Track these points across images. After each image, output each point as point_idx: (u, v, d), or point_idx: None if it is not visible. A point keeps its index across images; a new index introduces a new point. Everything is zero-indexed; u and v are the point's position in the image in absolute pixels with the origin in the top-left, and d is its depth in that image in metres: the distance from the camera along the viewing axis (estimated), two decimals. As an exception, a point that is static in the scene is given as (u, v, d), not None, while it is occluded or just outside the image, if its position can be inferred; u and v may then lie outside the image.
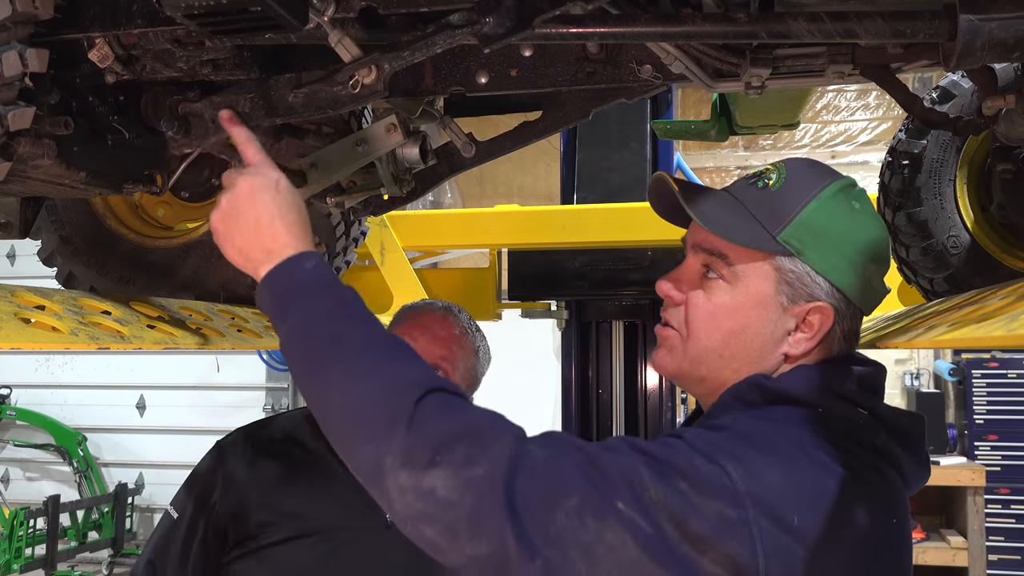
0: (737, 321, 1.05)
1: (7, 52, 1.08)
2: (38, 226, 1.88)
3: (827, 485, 0.91)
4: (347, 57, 1.20)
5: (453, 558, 0.87)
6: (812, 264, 1.03)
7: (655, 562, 0.83)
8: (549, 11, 1.09)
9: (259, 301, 1.08)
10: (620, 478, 0.87)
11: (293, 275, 1.06)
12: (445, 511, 0.86)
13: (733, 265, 1.05)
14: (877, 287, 1.09)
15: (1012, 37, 0.98)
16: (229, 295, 1.83)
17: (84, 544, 6.32)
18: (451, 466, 0.86)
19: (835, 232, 1.04)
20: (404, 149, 1.40)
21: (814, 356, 1.06)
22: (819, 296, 1.04)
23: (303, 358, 1.00)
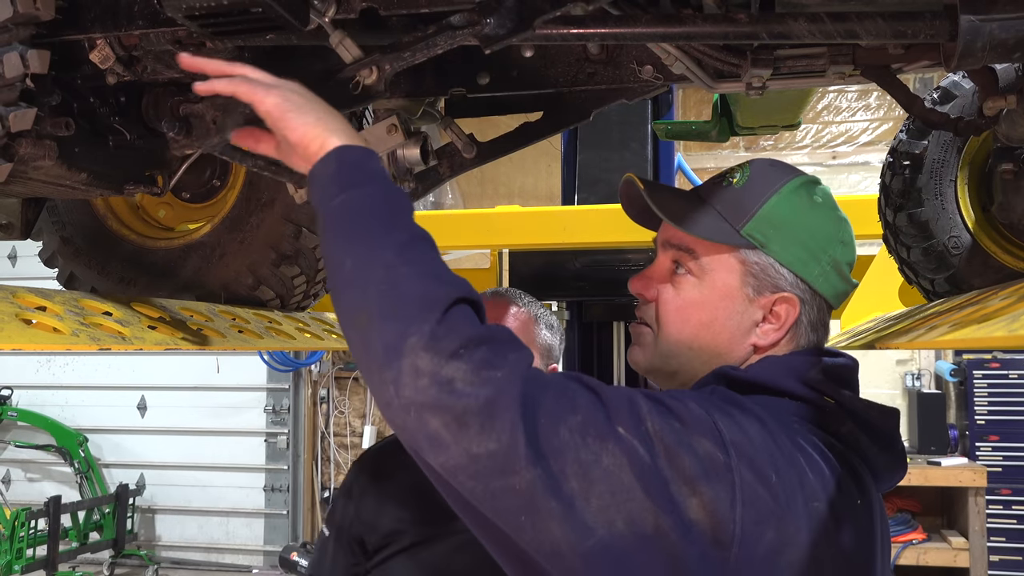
0: (705, 313, 1.09)
1: (8, 53, 1.08)
2: (39, 227, 1.88)
3: (797, 455, 0.93)
4: (348, 58, 1.20)
5: (451, 455, 0.83)
6: (776, 256, 1.08)
7: (647, 493, 0.83)
8: (550, 12, 1.09)
9: (319, 167, 1.02)
10: (623, 405, 0.88)
11: (367, 157, 1.02)
12: (459, 400, 0.83)
13: (700, 259, 1.10)
14: (843, 280, 1.12)
15: (1013, 37, 0.98)
16: (230, 296, 1.83)
17: (85, 545, 6.32)
18: (472, 362, 0.85)
19: (797, 225, 1.09)
20: (405, 150, 1.40)
21: (783, 347, 1.09)
22: (784, 287, 1.08)
23: (353, 226, 0.96)
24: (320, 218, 0.99)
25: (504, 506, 0.82)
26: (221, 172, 1.92)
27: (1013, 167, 1.54)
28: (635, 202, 1.19)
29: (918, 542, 5.09)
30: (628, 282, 1.17)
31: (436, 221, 3.13)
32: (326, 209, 0.98)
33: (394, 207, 0.98)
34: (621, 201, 1.22)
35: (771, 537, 0.86)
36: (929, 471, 5.12)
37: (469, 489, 0.84)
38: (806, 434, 0.97)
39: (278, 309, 1.92)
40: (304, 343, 1.82)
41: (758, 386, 1.02)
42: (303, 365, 6.59)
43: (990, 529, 5.09)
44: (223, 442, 7.09)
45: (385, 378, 0.86)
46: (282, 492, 7.01)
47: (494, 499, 0.83)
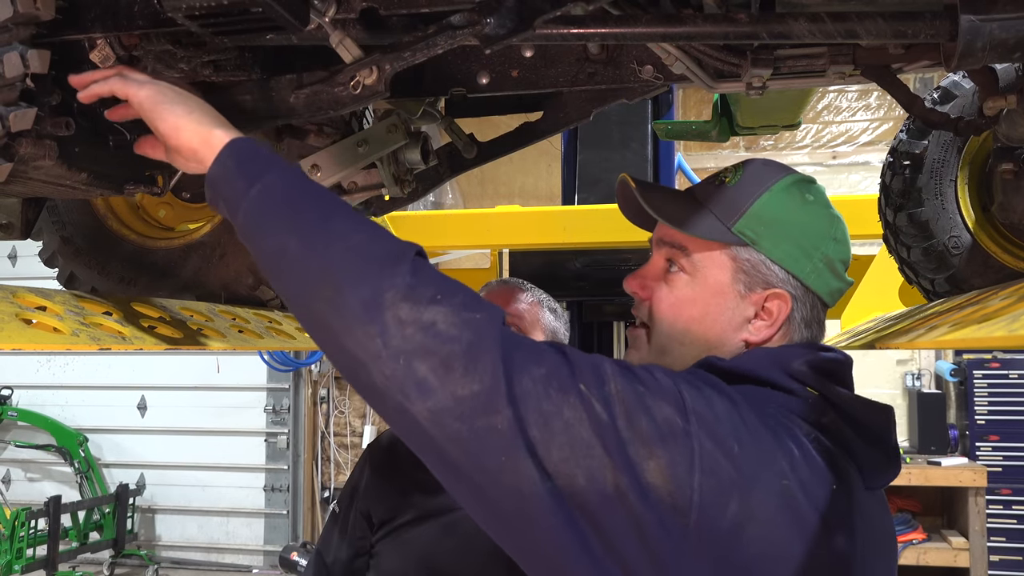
0: (697, 310, 1.11)
1: (8, 53, 1.08)
2: (39, 227, 1.88)
3: (765, 433, 0.92)
4: (348, 58, 1.20)
5: (439, 398, 0.85)
6: (767, 253, 1.09)
7: (605, 450, 0.84)
8: (550, 12, 1.09)
9: (216, 168, 1.04)
10: (587, 365, 0.89)
11: (260, 147, 1.05)
12: (444, 344, 0.85)
13: (692, 257, 1.12)
14: (836, 277, 1.13)
15: (1013, 37, 0.98)
16: (230, 296, 1.83)
17: (85, 545, 6.32)
18: (451, 306, 0.88)
19: (788, 222, 1.10)
20: (405, 150, 1.40)
21: (775, 344, 1.10)
22: (775, 283, 1.09)
23: (283, 211, 0.97)
24: (239, 215, 1.00)
25: (487, 447, 0.84)
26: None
27: (1013, 167, 1.54)
28: (631, 203, 1.20)
29: (918, 542, 5.09)
30: (623, 281, 1.19)
31: (436, 221, 3.13)
32: (244, 203, 0.99)
33: (308, 184, 1.01)
34: (618, 202, 1.24)
35: (734, 509, 0.85)
36: (929, 471, 5.13)
37: (454, 432, 0.84)
38: (783, 420, 0.96)
39: (278, 309, 1.92)
40: (304, 343, 1.82)
41: (741, 375, 1.02)
42: (303, 365, 6.59)
43: (990, 529, 5.10)
44: (223, 442, 7.10)
45: (370, 332, 0.87)
46: (282, 492, 7.01)
47: (477, 439, 0.84)
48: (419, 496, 1.72)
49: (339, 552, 1.80)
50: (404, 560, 1.71)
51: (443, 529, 1.68)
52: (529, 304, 1.82)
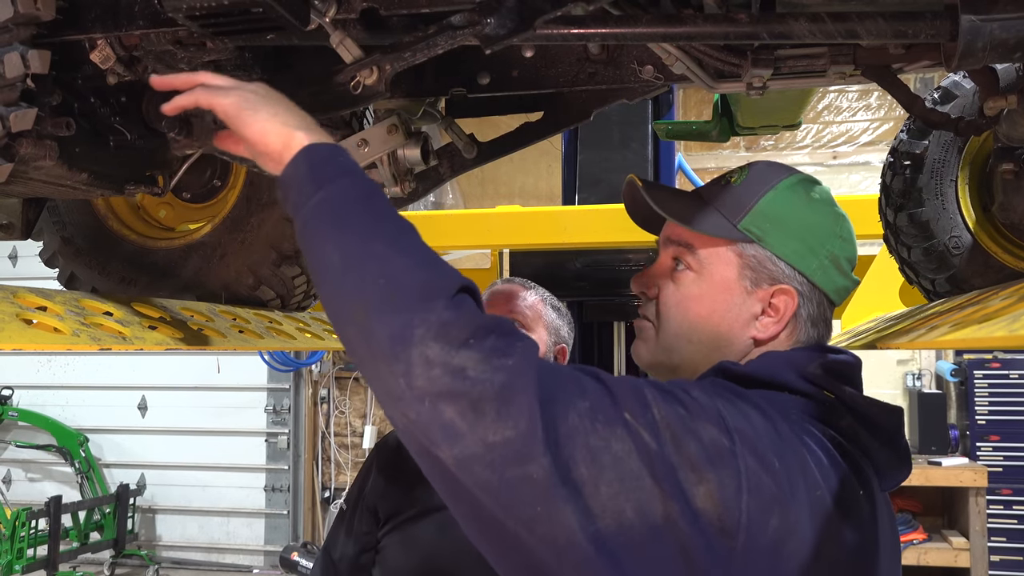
0: (704, 307, 1.10)
1: (9, 53, 1.08)
2: (40, 227, 1.88)
3: (798, 444, 0.92)
4: (348, 58, 1.20)
5: (466, 444, 0.80)
6: (773, 249, 1.09)
7: (655, 479, 0.81)
8: (550, 12, 1.09)
9: (289, 170, 1.01)
10: (629, 392, 0.87)
11: (337, 152, 1.02)
12: (474, 387, 0.81)
13: (698, 254, 1.12)
14: (843, 275, 1.12)
15: (1013, 37, 0.98)
16: (231, 296, 1.83)
17: (86, 545, 6.32)
18: (483, 351, 0.83)
19: (793, 219, 1.10)
20: (405, 150, 1.40)
21: (783, 341, 1.10)
22: (781, 279, 1.09)
23: (336, 223, 0.94)
24: (298, 219, 0.98)
25: (519, 497, 0.80)
26: (222, 172, 1.92)
27: (1013, 167, 1.54)
28: (638, 205, 1.20)
29: (919, 542, 5.09)
30: (631, 280, 1.19)
31: (436, 221, 3.13)
32: (305, 209, 0.97)
33: (374, 199, 0.97)
34: (625, 204, 1.23)
35: (775, 525, 0.85)
36: (930, 471, 5.12)
37: (484, 481, 0.80)
38: (806, 426, 0.96)
39: (279, 309, 1.92)
40: (305, 343, 1.82)
41: (757, 380, 1.02)
42: (304, 365, 6.59)
43: (991, 529, 5.09)
44: (224, 442, 7.09)
45: (395, 370, 0.83)
46: (283, 492, 7.01)
47: (509, 490, 0.80)
48: (423, 492, 1.73)
49: (345, 548, 1.82)
50: (408, 555, 1.74)
51: (444, 524, 1.69)
52: (532, 302, 1.83)
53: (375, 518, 1.81)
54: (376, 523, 1.81)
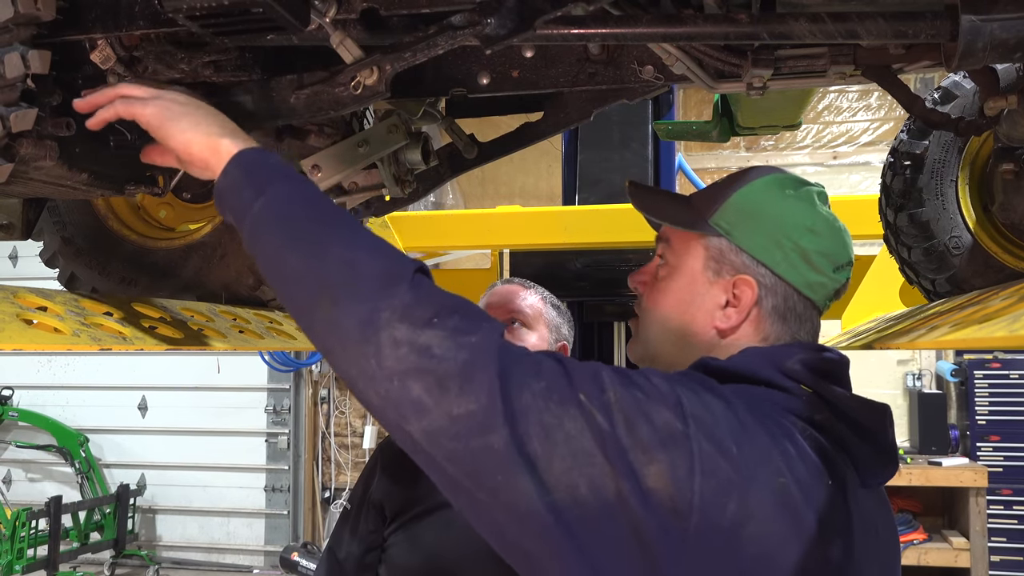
0: (673, 297, 1.16)
1: (9, 53, 1.08)
2: (40, 227, 1.88)
3: (761, 432, 0.93)
4: (349, 58, 1.20)
5: (433, 418, 0.85)
6: (737, 242, 1.13)
7: (607, 458, 0.84)
8: (550, 12, 1.09)
9: (224, 180, 1.05)
10: (585, 374, 0.91)
11: (268, 156, 1.05)
12: (439, 364, 0.86)
13: (673, 248, 1.19)
14: (813, 269, 1.12)
15: (1014, 38, 0.98)
16: (231, 296, 1.83)
17: (86, 545, 6.32)
18: (446, 329, 0.88)
19: (760, 213, 1.13)
20: (406, 150, 1.40)
21: (749, 334, 1.12)
22: (743, 270, 1.12)
23: (286, 225, 0.98)
24: (244, 227, 1.01)
25: (483, 465, 0.84)
26: (222, 172, 1.92)
27: (1014, 167, 1.54)
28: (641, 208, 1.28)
29: (919, 542, 5.09)
30: (628, 280, 1.26)
31: (437, 221, 3.13)
32: (249, 216, 1.00)
33: (315, 197, 1.01)
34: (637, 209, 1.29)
35: (733, 509, 0.86)
36: (930, 471, 5.12)
37: (450, 451, 0.85)
38: (777, 418, 0.97)
39: (279, 309, 1.92)
40: (305, 343, 1.82)
41: (737, 375, 1.04)
42: (304, 365, 6.59)
43: (991, 529, 5.09)
44: (224, 442, 7.10)
45: (366, 352, 0.88)
46: (283, 492, 7.01)
47: (474, 459, 0.84)
48: (428, 490, 1.74)
49: (351, 548, 1.82)
50: (412, 553, 1.74)
51: (447, 522, 1.71)
52: (532, 301, 1.86)
53: (381, 516, 1.81)
54: (382, 521, 1.81)
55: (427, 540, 1.73)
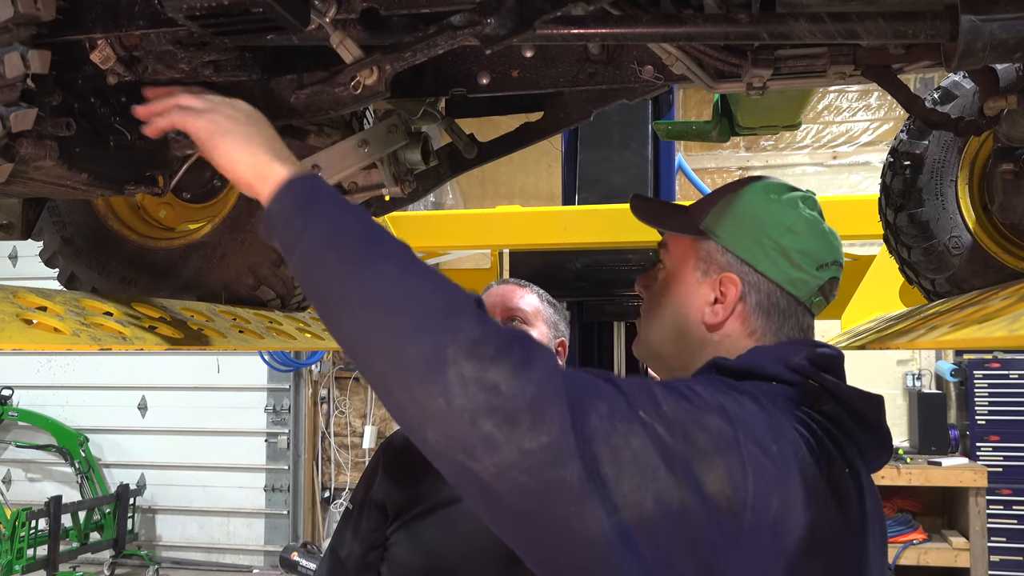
0: (668, 296, 1.24)
1: (9, 53, 1.08)
2: (40, 227, 1.88)
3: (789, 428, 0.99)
4: (349, 58, 1.20)
5: (505, 453, 0.84)
6: (723, 243, 1.20)
7: (671, 472, 0.87)
8: (550, 12, 1.09)
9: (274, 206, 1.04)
10: (639, 391, 0.93)
11: (318, 183, 1.04)
12: (509, 401, 0.85)
13: (670, 252, 1.26)
14: (795, 266, 1.18)
15: (1013, 38, 0.98)
16: (231, 296, 1.83)
17: (86, 545, 6.32)
18: (511, 364, 0.87)
19: (743, 215, 1.20)
20: (406, 150, 1.40)
21: (738, 329, 1.18)
22: (727, 268, 1.19)
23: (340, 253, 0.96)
24: (295, 255, 0.99)
25: (556, 497, 0.84)
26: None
27: (1013, 167, 1.54)
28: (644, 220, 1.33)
29: (919, 542, 5.09)
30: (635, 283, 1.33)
31: (436, 221, 3.13)
32: (301, 245, 0.99)
33: (368, 225, 0.99)
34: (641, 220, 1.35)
35: (776, 504, 0.92)
36: (930, 471, 5.13)
37: (521, 485, 0.84)
38: (793, 411, 1.03)
39: (279, 309, 1.92)
40: (305, 343, 1.82)
41: (748, 372, 1.09)
42: (304, 365, 6.59)
43: (991, 529, 5.10)
44: (224, 442, 7.10)
45: (431, 391, 0.86)
46: (283, 492, 7.01)
47: (546, 491, 0.85)
48: (431, 489, 1.76)
49: (353, 547, 1.83)
50: (414, 552, 1.75)
51: (449, 521, 1.72)
52: (530, 300, 1.90)
53: (383, 516, 1.82)
54: (384, 520, 1.82)
55: (429, 539, 1.74)
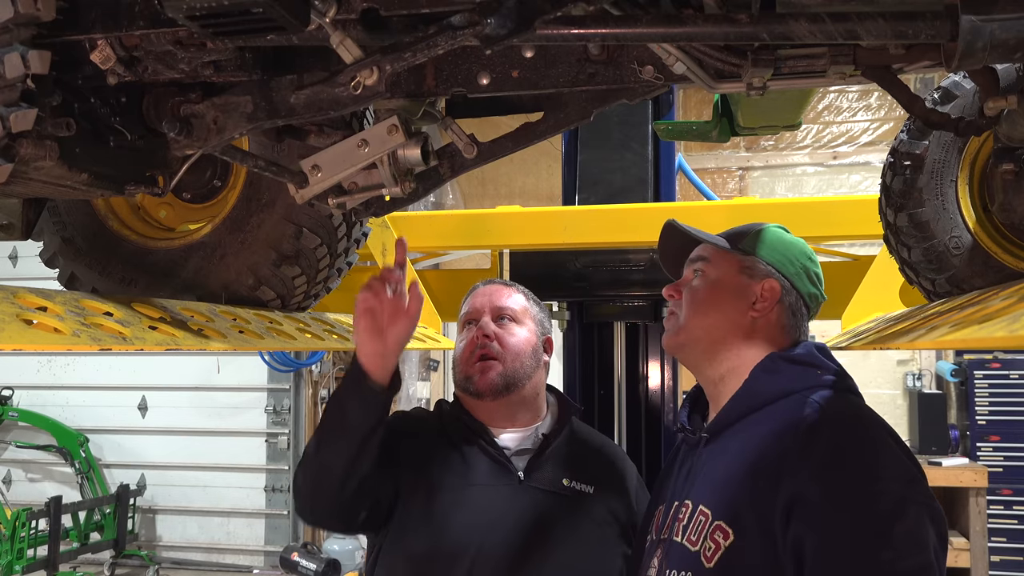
0: (716, 295, 1.49)
1: (9, 54, 1.08)
2: (40, 227, 1.88)
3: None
4: (349, 58, 1.20)
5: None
6: (764, 257, 1.51)
7: None
8: (550, 12, 1.09)
9: None
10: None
11: None
12: None
13: (711, 263, 1.53)
14: (813, 285, 1.52)
15: (1013, 38, 0.98)
16: (231, 296, 1.83)
17: (86, 545, 6.33)
18: None
19: (777, 243, 1.53)
20: (406, 150, 1.40)
21: (774, 323, 1.47)
22: (769, 275, 1.49)
23: None
24: None
25: None
26: (222, 172, 1.92)
27: (1014, 167, 1.54)
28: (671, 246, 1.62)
29: (919, 542, 5.08)
30: (663, 290, 1.57)
31: (436, 221, 3.13)
32: None
33: None
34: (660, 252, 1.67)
35: None
36: (930, 471, 5.12)
37: None
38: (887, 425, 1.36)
39: (279, 309, 1.92)
40: (305, 343, 1.82)
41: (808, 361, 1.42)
42: (304, 365, 6.59)
43: (991, 529, 5.10)
44: (224, 442, 7.10)
45: None
46: (283, 492, 7.01)
47: None
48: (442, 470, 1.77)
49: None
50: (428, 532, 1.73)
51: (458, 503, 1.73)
52: (517, 298, 1.93)
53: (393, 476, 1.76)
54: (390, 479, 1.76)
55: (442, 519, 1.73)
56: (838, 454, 1.25)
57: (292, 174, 1.43)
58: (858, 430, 1.30)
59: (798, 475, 1.24)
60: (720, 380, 1.47)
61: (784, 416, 1.33)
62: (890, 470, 1.24)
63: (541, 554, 1.71)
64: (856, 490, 1.22)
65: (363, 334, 1.56)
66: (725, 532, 1.29)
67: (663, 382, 2.90)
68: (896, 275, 2.06)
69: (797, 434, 1.29)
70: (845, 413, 1.33)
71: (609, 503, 1.81)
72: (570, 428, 1.89)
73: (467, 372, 1.83)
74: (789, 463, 1.26)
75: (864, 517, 1.20)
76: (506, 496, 1.75)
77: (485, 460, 1.79)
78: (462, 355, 1.86)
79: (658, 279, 2.80)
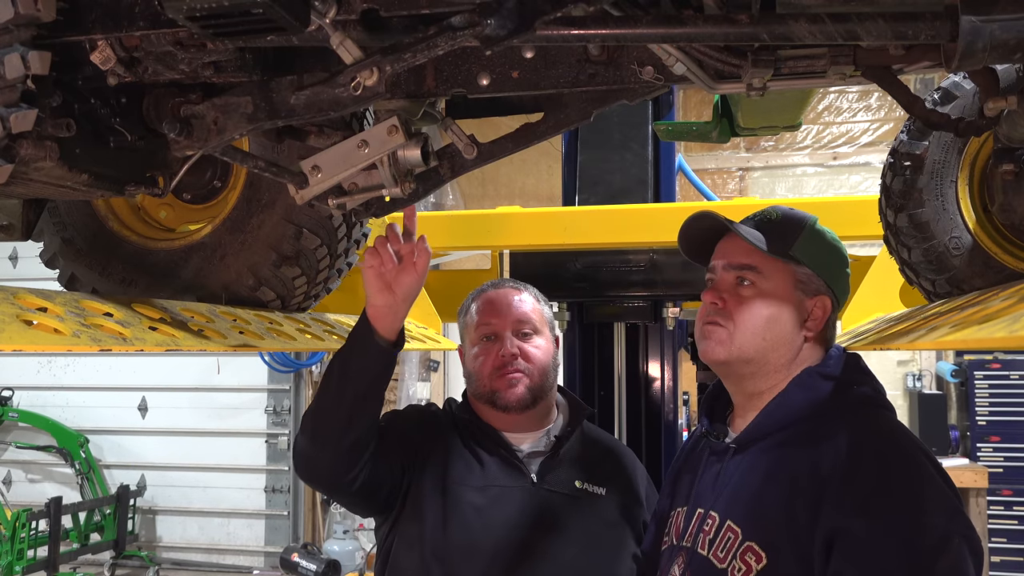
0: (770, 311, 1.42)
1: (9, 54, 1.08)
2: (40, 228, 1.88)
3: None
4: (349, 59, 1.20)
5: None
6: (816, 270, 1.44)
7: None
8: (550, 13, 1.09)
9: None
10: None
11: None
12: None
13: (762, 272, 1.43)
14: (847, 292, 1.52)
15: (1014, 38, 0.98)
16: (231, 297, 1.83)
17: (86, 546, 6.32)
18: None
19: (826, 251, 1.47)
20: (406, 151, 1.40)
21: (819, 339, 1.44)
22: (822, 291, 1.44)
23: None
24: None
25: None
26: (222, 173, 1.92)
27: (1013, 168, 1.54)
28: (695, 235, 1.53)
29: (919, 543, 5.08)
30: (701, 295, 1.48)
31: (437, 222, 3.13)
32: None
33: None
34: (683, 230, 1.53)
35: None
36: (930, 472, 5.12)
37: None
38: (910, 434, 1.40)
39: (279, 310, 1.92)
40: (305, 344, 1.82)
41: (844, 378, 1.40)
42: (304, 366, 6.59)
43: (991, 530, 5.09)
44: (224, 443, 7.10)
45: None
46: (283, 493, 7.01)
47: None
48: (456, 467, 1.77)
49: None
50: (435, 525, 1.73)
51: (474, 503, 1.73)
52: (532, 303, 1.89)
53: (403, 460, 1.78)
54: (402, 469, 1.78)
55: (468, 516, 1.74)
56: (882, 486, 1.24)
57: (292, 175, 1.43)
58: (899, 459, 1.28)
59: (841, 506, 1.23)
60: (758, 394, 1.43)
61: (822, 438, 1.31)
62: (934, 503, 1.23)
63: (555, 556, 1.72)
64: (901, 525, 1.21)
65: (372, 288, 1.57)
66: (758, 555, 1.27)
67: (663, 382, 2.90)
68: (896, 275, 2.06)
69: (838, 461, 1.27)
70: (884, 438, 1.32)
71: (621, 505, 1.81)
72: (581, 430, 1.89)
73: (493, 387, 1.79)
74: (831, 493, 1.24)
75: (908, 553, 1.19)
76: (521, 498, 1.76)
77: (499, 462, 1.79)
78: (483, 368, 1.81)
79: (658, 279, 2.80)
